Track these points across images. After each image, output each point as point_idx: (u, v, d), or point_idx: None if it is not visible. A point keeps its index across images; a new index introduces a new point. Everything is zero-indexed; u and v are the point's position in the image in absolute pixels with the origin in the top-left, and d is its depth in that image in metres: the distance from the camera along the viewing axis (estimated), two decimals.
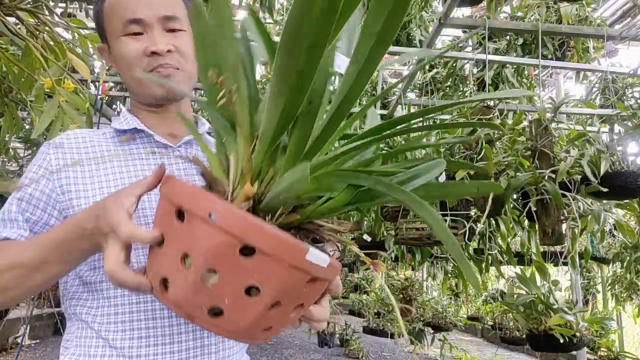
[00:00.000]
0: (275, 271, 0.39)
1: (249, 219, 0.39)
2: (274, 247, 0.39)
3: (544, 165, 1.80)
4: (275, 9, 2.99)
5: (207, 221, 0.38)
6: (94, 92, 2.86)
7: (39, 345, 5.50)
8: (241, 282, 0.40)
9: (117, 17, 0.73)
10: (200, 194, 0.41)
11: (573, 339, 1.99)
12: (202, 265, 0.39)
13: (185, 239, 0.41)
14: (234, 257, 0.39)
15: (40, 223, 0.71)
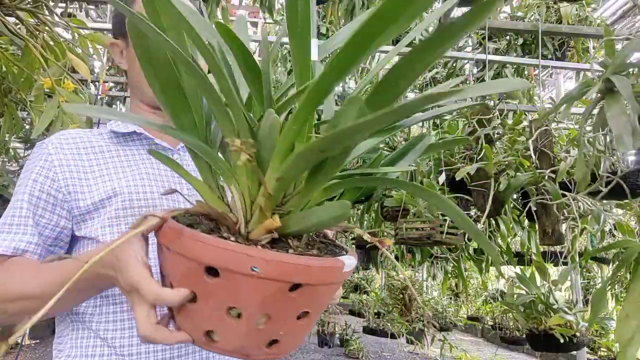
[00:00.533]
0: (322, 293, 0.42)
1: (294, 262, 0.39)
2: (320, 278, 0.40)
3: (544, 165, 1.80)
4: (275, 9, 2.99)
5: (250, 275, 0.38)
6: (94, 92, 2.86)
7: (39, 345, 5.51)
8: (294, 313, 0.41)
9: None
10: (229, 249, 0.38)
11: (573, 339, 1.99)
12: (255, 315, 0.40)
13: (228, 294, 0.39)
14: (284, 297, 0.39)
15: (50, 225, 0.71)
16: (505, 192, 1.80)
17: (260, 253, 0.38)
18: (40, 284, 0.58)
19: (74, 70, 1.17)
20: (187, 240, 0.40)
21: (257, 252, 0.38)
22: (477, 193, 1.86)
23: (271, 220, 0.41)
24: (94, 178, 0.73)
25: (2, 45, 1.25)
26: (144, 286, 0.42)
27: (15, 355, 3.50)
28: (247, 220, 0.43)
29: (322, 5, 2.82)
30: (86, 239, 0.72)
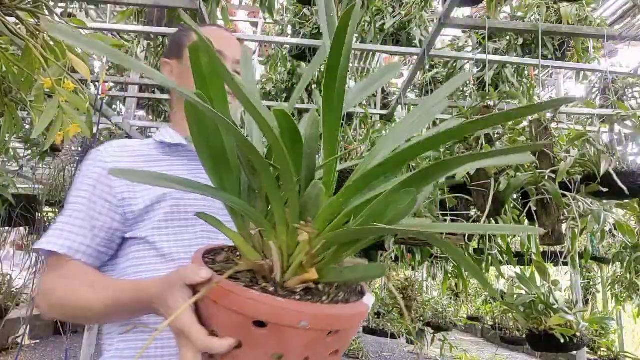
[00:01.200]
0: (352, 333, 0.48)
1: (338, 314, 0.44)
2: (354, 323, 0.46)
3: (544, 165, 1.80)
4: (275, 9, 2.99)
5: (297, 327, 0.42)
6: (94, 92, 2.86)
7: (39, 345, 5.50)
8: (327, 352, 0.46)
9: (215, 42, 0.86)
10: (280, 307, 0.42)
11: (573, 339, 1.99)
12: (296, 358, 0.44)
13: (273, 342, 0.43)
14: (324, 341, 0.44)
15: (105, 228, 0.77)
16: (505, 192, 1.80)
17: (308, 309, 0.43)
18: (99, 300, 0.65)
19: (74, 70, 1.17)
20: (238, 297, 0.43)
21: (306, 307, 0.43)
22: (477, 193, 1.86)
23: (310, 275, 0.46)
24: (140, 185, 0.79)
25: (2, 45, 1.25)
26: (194, 333, 0.46)
27: (15, 355, 3.50)
28: (284, 270, 0.48)
29: None
30: (136, 239, 0.78)
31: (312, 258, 0.46)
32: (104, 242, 0.77)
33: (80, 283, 0.69)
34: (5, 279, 4.33)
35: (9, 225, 3.52)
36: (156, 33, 2.84)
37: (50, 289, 0.71)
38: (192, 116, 0.47)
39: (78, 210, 0.76)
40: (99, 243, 0.76)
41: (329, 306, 0.44)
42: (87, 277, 0.71)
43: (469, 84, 3.52)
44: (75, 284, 0.69)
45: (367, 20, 3.14)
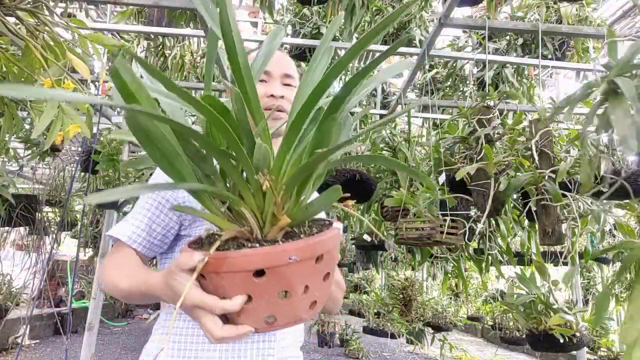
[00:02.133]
0: (335, 254, 0.57)
1: (317, 241, 0.53)
2: (332, 244, 0.55)
3: (544, 165, 1.80)
4: (275, 9, 2.99)
5: (290, 263, 0.50)
6: (94, 92, 2.86)
7: (39, 345, 5.50)
8: (321, 276, 0.55)
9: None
10: (269, 252, 0.51)
11: (573, 339, 1.99)
12: (301, 290, 0.53)
13: (276, 284, 0.51)
14: (314, 268, 0.53)
15: (162, 224, 0.89)
16: (505, 192, 1.80)
17: (291, 245, 0.51)
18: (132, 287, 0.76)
19: (74, 70, 1.17)
20: (233, 259, 0.51)
21: (289, 245, 0.51)
22: (477, 193, 1.86)
23: (283, 220, 0.54)
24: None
25: (2, 45, 1.25)
26: (207, 301, 0.53)
27: (16, 355, 3.50)
28: (261, 227, 0.55)
29: (322, 6, 2.82)
30: (188, 237, 0.90)
31: (279, 206, 0.54)
32: (160, 236, 0.89)
33: (125, 271, 0.81)
34: (5, 279, 4.33)
35: (9, 225, 3.52)
36: (156, 33, 2.84)
37: (108, 275, 0.83)
38: (135, 127, 0.51)
39: (142, 206, 0.89)
40: (153, 237, 0.89)
41: (308, 237, 0.53)
42: (131, 266, 0.83)
43: (469, 84, 3.52)
44: (122, 272, 0.81)
45: (367, 20, 3.14)
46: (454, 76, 3.64)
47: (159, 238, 0.89)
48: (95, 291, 3.41)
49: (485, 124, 1.85)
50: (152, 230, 0.88)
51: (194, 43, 3.87)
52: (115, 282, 0.80)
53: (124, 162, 2.64)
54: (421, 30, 3.21)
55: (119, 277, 0.80)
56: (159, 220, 0.89)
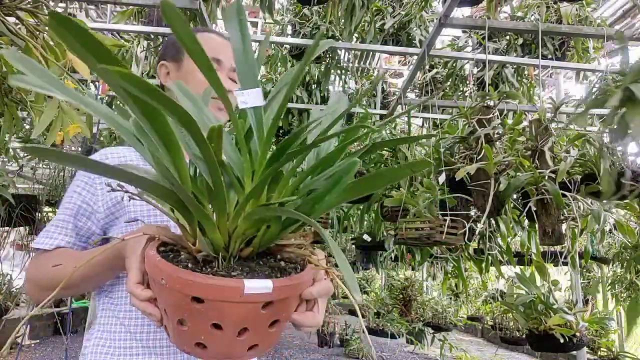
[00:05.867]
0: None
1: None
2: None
3: (544, 165, 1.80)
4: (275, 9, 2.99)
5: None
6: (94, 92, 2.86)
7: (39, 345, 5.50)
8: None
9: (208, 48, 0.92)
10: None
11: (573, 339, 1.99)
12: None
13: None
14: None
15: (85, 229, 0.86)
16: (505, 192, 1.80)
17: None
18: (79, 270, 0.72)
19: (74, 70, 1.17)
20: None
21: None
22: (477, 193, 1.86)
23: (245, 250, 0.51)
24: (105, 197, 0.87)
25: (2, 46, 1.25)
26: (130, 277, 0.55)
27: (16, 355, 3.50)
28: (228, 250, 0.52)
29: (322, 6, 2.82)
30: (112, 239, 0.86)
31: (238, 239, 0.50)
32: (85, 239, 0.87)
33: (63, 261, 0.79)
34: (5, 279, 4.33)
35: (9, 225, 3.52)
36: (156, 33, 2.84)
37: (40, 272, 0.80)
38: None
39: (63, 213, 0.86)
40: (81, 240, 0.86)
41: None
42: (68, 255, 0.81)
43: (469, 84, 3.52)
44: (59, 263, 0.79)
45: (367, 20, 3.14)
46: (454, 76, 3.64)
47: (83, 241, 0.87)
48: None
49: (485, 124, 1.85)
50: (78, 235, 0.86)
51: None
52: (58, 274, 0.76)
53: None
54: (421, 30, 3.21)
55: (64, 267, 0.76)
56: (81, 224, 0.86)
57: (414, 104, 2.94)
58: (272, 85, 4.00)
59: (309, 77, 3.94)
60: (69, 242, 0.84)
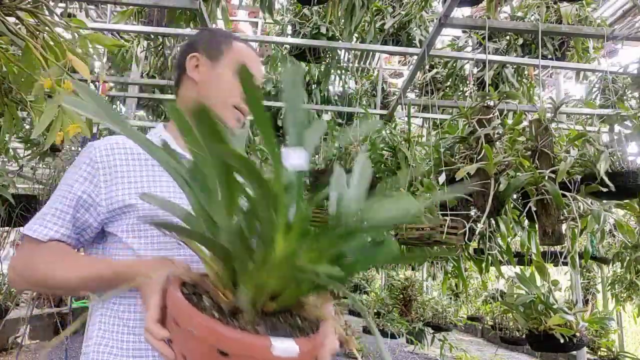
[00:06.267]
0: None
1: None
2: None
3: (544, 165, 1.80)
4: (275, 9, 2.99)
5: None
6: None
7: (39, 345, 5.50)
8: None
9: (241, 61, 0.94)
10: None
11: (573, 339, 1.99)
12: None
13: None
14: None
15: (82, 221, 0.82)
16: (505, 192, 1.80)
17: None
18: (79, 277, 0.73)
19: (74, 70, 1.17)
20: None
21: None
22: (477, 193, 1.86)
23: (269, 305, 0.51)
24: (128, 183, 0.83)
25: (2, 46, 1.25)
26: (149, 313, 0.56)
27: (16, 355, 3.50)
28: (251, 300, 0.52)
29: (322, 6, 2.82)
30: (112, 236, 0.84)
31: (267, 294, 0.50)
32: (80, 231, 0.83)
33: (59, 260, 0.77)
34: (5, 279, 4.32)
35: (9, 225, 3.51)
36: (156, 33, 2.84)
37: (28, 263, 0.78)
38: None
39: (61, 202, 0.81)
40: (77, 233, 0.83)
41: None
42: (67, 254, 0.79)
43: (469, 84, 3.52)
44: (54, 261, 0.76)
45: (367, 20, 3.14)
46: (454, 76, 3.64)
47: (78, 233, 0.83)
48: None
49: (485, 124, 1.85)
50: (75, 227, 0.82)
51: None
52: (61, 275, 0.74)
53: None
54: (421, 30, 3.21)
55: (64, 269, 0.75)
56: (79, 215, 0.81)
57: (414, 103, 2.94)
58: (272, 85, 4.00)
59: (309, 77, 3.94)
60: (64, 235, 0.81)
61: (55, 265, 0.76)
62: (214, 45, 0.96)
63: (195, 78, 0.93)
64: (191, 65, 0.95)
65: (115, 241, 0.83)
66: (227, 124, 0.92)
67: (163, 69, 3.61)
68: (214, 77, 0.93)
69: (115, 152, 0.85)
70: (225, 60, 0.94)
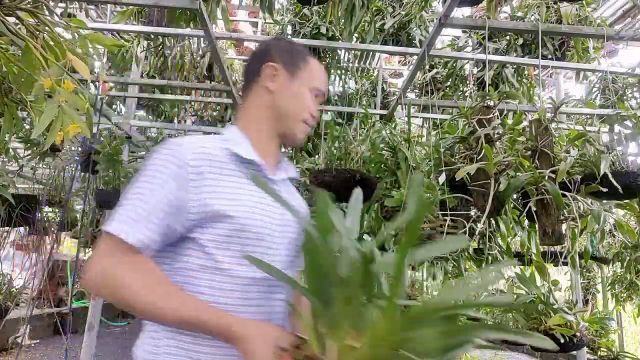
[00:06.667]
0: None
1: None
2: None
3: (544, 165, 1.80)
4: (275, 9, 2.99)
5: None
6: (94, 92, 2.86)
7: (39, 345, 5.50)
8: None
9: (316, 79, 0.99)
10: None
11: (573, 339, 1.99)
12: None
13: None
14: None
15: (170, 228, 0.77)
16: (505, 192, 1.79)
17: None
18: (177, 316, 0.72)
19: (74, 70, 1.17)
20: None
21: None
22: (477, 193, 1.86)
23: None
24: (214, 192, 0.80)
25: (2, 46, 1.25)
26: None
27: (16, 355, 3.50)
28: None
29: (322, 6, 2.82)
30: (192, 242, 0.81)
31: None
32: (164, 237, 0.78)
33: (154, 286, 0.73)
34: (5, 279, 4.33)
35: (9, 225, 3.52)
36: (156, 33, 2.84)
37: (119, 277, 0.72)
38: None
39: (150, 202, 0.76)
40: (163, 240, 0.78)
41: None
42: (161, 281, 0.75)
43: (469, 84, 3.52)
44: (149, 286, 0.73)
45: (367, 20, 3.14)
46: (454, 76, 3.64)
47: (163, 238, 0.78)
48: None
49: (485, 124, 1.85)
50: (162, 234, 0.77)
51: (194, 43, 3.87)
52: (151, 306, 0.71)
53: None
54: (421, 30, 3.21)
55: (160, 302, 0.71)
56: (167, 222, 0.77)
57: (414, 103, 2.94)
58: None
59: None
60: (152, 240, 0.75)
61: (150, 292, 0.72)
62: (293, 59, 0.98)
63: (271, 87, 0.95)
64: (268, 74, 0.95)
65: (194, 248, 0.81)
66: (299, 137, 0.97)
67: (163, 69, 3.61)
68: (291, 91, 0.95)
69: (202, 156, 0.82)
70: (302, 76, 0.97)
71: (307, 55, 1.00)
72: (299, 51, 0.99)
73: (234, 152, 0.86)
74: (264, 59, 0.96)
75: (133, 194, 0.77)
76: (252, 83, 0.97)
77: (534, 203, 1.79)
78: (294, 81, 0.96)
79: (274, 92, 0.94)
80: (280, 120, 0.95)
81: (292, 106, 0.95)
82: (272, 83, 0.95)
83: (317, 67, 1.00)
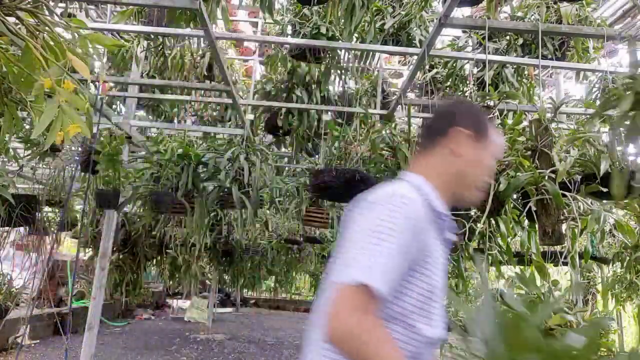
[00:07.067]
0: None
1: None
2: None
3: (544, 165, 1.80)
4: (275, 9, 2.99)
5: None
6: (94, 92, 2.86)
7: (39, 345, 5.50)
8: None
9: (499, 149, 1.06)
10: None
11: None
12: None
13: None
14: None
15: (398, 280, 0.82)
16: (505, 192, 1.79)
17: None
18: None
19: (74, 70, 1.17)
20: None
21: None
22: None
23: None
24: (419, 248, 0.86)
25: (2, 46, 1.25)
26: None
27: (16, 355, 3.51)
28: None
29: (322, 6, 2.82)
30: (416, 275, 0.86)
31: None
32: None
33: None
34: (5, 279, 4.33)
35: (9, 225, 3.52)
36: (156, 33, 2.84)
37: (372, 347, 0.73)
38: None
39: (393, 256, 0.79)
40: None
41: None
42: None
43: (469, 84, 3.52)
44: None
45: (367, 21, 3.14)
46: (454, 76, 3.63)
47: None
48: (95, 291, 3.40)
49: None
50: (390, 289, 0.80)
51: (194, 43, 3.87)
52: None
53: None
54: (421, 30, 3.21)
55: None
56: (399, 273, 0.82)
57: (414, 103, 2.94)
58: (272, 85, 4.00)
59: (309, 77, 3.93)
60: (388, 291, 0.78)
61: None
62: (480, 127, 1.01)
63: (458, 152, 0.98)
64: (459, 138, 0.98)
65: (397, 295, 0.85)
66: (469, 201, 1.02)
67: (163, 69, 3.61)
68: (477, 159, 0.99)
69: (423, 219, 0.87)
70: (487, 145, 1.01)
71: (490, 123, 1.03)
72: (484, 119, 1.04)
73: (432, 205, 0.92)
74: (452, 122, 1.00)
75: (378, 242, 0.79)
76: (436, 141, 1.01)
77: (534, 203, 1.79)
78: (480, 150, 1.00)
79: (462, 157, 0.98)
80: (460, 182, 0.99)
81: (475, 172, 1.00)
82: (459, 148, 0.98)
83: (498, 135, 1.05)
